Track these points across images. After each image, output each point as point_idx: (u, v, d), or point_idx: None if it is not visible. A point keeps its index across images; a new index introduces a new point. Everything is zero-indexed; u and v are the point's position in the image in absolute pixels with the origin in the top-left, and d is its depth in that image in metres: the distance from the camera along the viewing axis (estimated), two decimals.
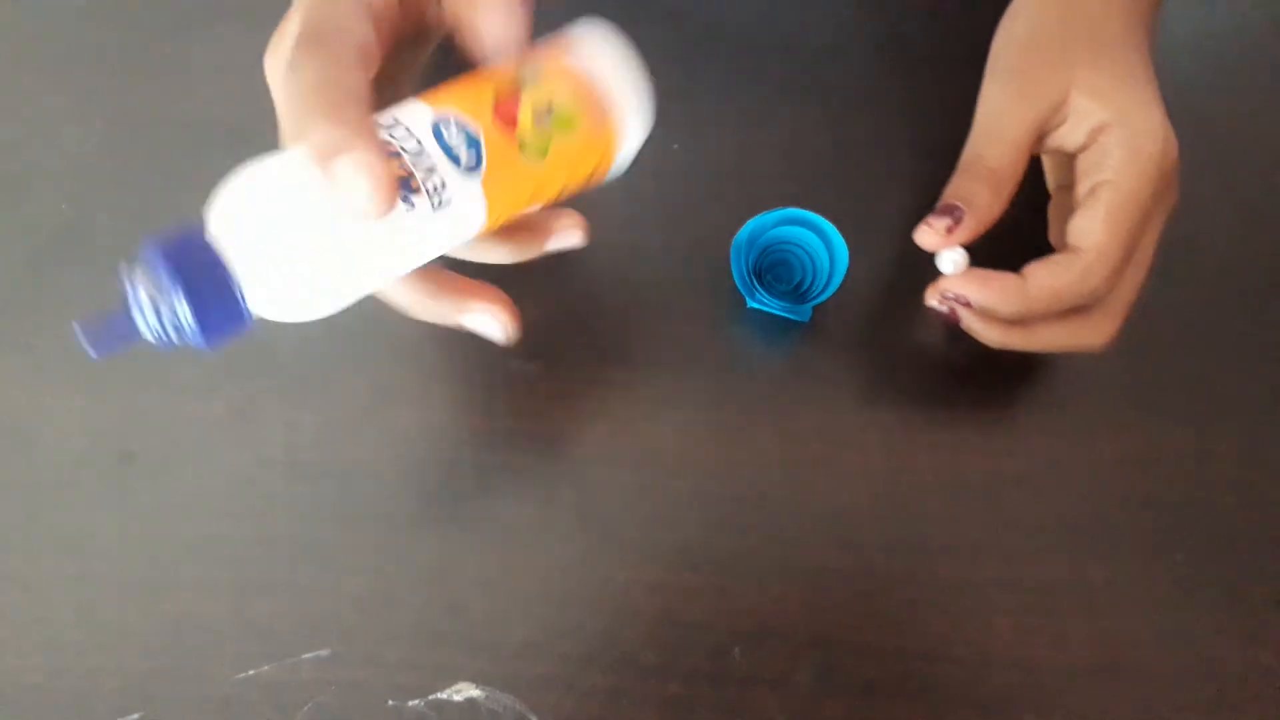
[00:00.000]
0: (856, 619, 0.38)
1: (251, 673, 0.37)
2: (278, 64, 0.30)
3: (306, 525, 0.39)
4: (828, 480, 0.40)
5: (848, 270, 0.40)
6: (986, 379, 0.41)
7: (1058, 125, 0.36)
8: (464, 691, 0.37)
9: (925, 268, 0.37)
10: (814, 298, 0.40)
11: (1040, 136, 0.36)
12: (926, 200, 0.41)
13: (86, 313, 0.26)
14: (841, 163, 0.40)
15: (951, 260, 0.36)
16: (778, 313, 0.40)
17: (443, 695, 0.37)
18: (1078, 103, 0.35)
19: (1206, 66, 0.48)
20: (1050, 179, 0.41)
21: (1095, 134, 0.35)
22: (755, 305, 0.40)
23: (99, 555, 0.38)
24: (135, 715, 0.36)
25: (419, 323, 0.41)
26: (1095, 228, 0.34)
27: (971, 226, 0.35)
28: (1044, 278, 0.34)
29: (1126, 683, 0.37)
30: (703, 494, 0.39)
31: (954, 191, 0.36)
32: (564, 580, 0.38)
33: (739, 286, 0.40)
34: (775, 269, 0.42)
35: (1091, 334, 0.36)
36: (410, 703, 0.37)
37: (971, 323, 0.36)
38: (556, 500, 0.39)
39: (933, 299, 0.36)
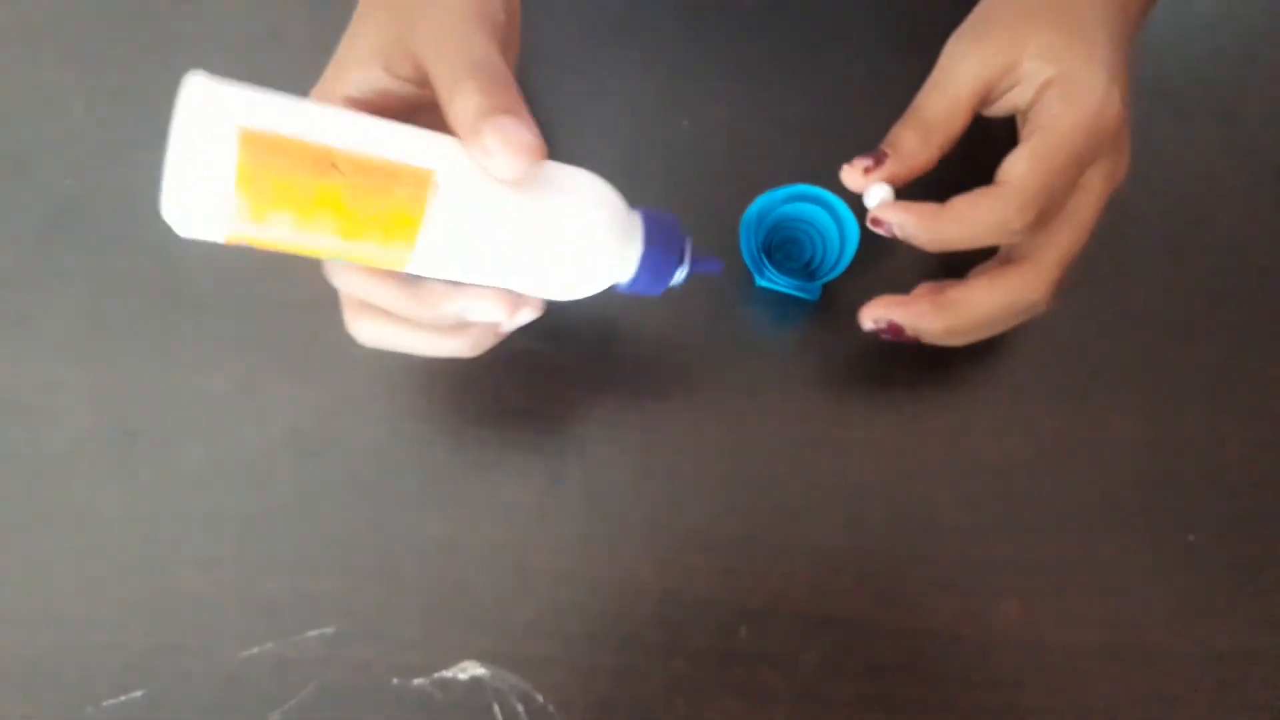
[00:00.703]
0: (864, 599, 0.38)
1: (255, 650, 0.37)
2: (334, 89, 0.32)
3: (311, 502, 0.39)
4: (836, 460, 0.39)
5: (858, 248, 0.39)
6: (996, 360, 0.41)
7: (1009, 87, 0.36)
8: (469, 670, 0.37)
9: None
10: (824, 276, 0.40)
11: (986, 95, 0.37)
12: (934, 177, 0.41)
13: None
14: (851, 140, 0.40)
15: (877, 196, 0.36)
16: (787, 291, 0.40)
17: (448, 674, 0.37)
18: (1029, 65, 0.36)
19: (1221, 51, 0.47)
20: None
21: (1040, 90, 0.36)
22: (764, 284, 0.40)
23: (103, 531, 0.38)
24: (138, 692, 0.36)
25: None
26: (1018, 164, 0.34)
27: (891, 169, 0.36)
28: (960, 203, 0.35)
29: (1135, 663, 0.37)
30: (710, 473, 0.39)
31: (888, 137, 0.37)
32: (570, 559, 0.38)
33: (748, 264, 0.40)
34: (785, 246, 0.42)
35: (1023, 287, 0.35)
36: (415, 681, 0.37)
37: (910, 320, 0.36)
38: (563, 479, 0.39)
39: (867, 322, 0.37)
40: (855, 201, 0.40)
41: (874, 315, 0.37)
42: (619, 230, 0.32)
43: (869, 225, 0.36)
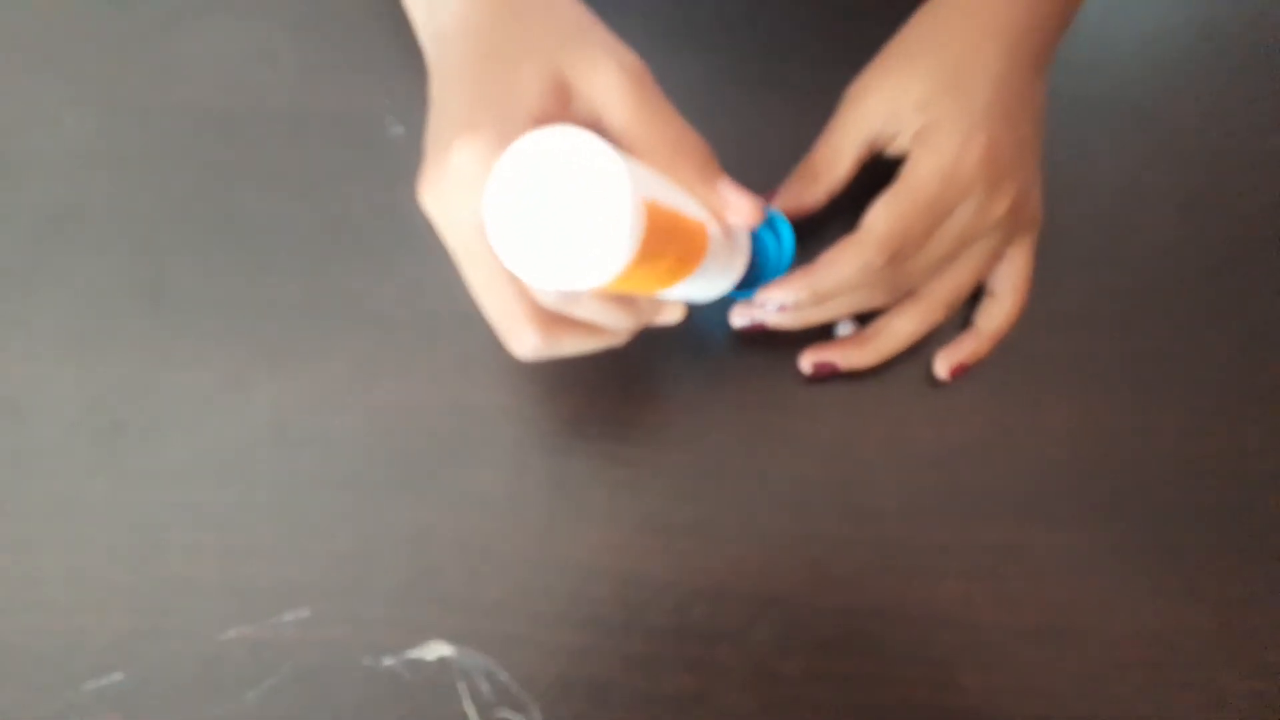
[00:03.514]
0: (811, 580, 0.39)
1: (233, 632, 0.38)
2: (450, 201, 0.31)
3: (290, 492, 0.40)
4: (783, 449, 0.41)
5: (798, 250, 0.41)
6: (934, 352, 0.43)
7: (894, 134, 0.40)
8: (437, 650, 0.38)
9: None
10: (767, 279, 0.42)
11: (872, 144, 0.41)
12: (878, 190, 0.43)
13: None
14: (801, 154, 0.42)
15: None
16: (737, 296, 0.42)
17: (416, 653, 0.38)
18: (908, 115, 0.39)
19: (1149, 60, 0.50)
20: None
21: (913, 139, 0.39)
22: None
23: (88, 520, 0.40)
24: (118, 674, 0.38)
25: (400, 301, 0.43)
26: (875, 210, 0.38)
27: (779, 203, 0.41)
28: (827, 255, 0.39)
29: (1068, 644, 0.39)
30: (666, 463, 0.41)
31: (787, 180, 0.42)
32: (535, 543, 0.40)
33: None
34: None
35: (908, 320, 0.41)
36: (385, 661, 0.38)
37: (842, 359, 0.42)
38: (528, 468, 0.41)
39: (806, 366, 0.42)
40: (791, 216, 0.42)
41: (812, 360, 0.42)
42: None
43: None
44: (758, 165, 0.46)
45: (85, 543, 0.40)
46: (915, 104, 0.38)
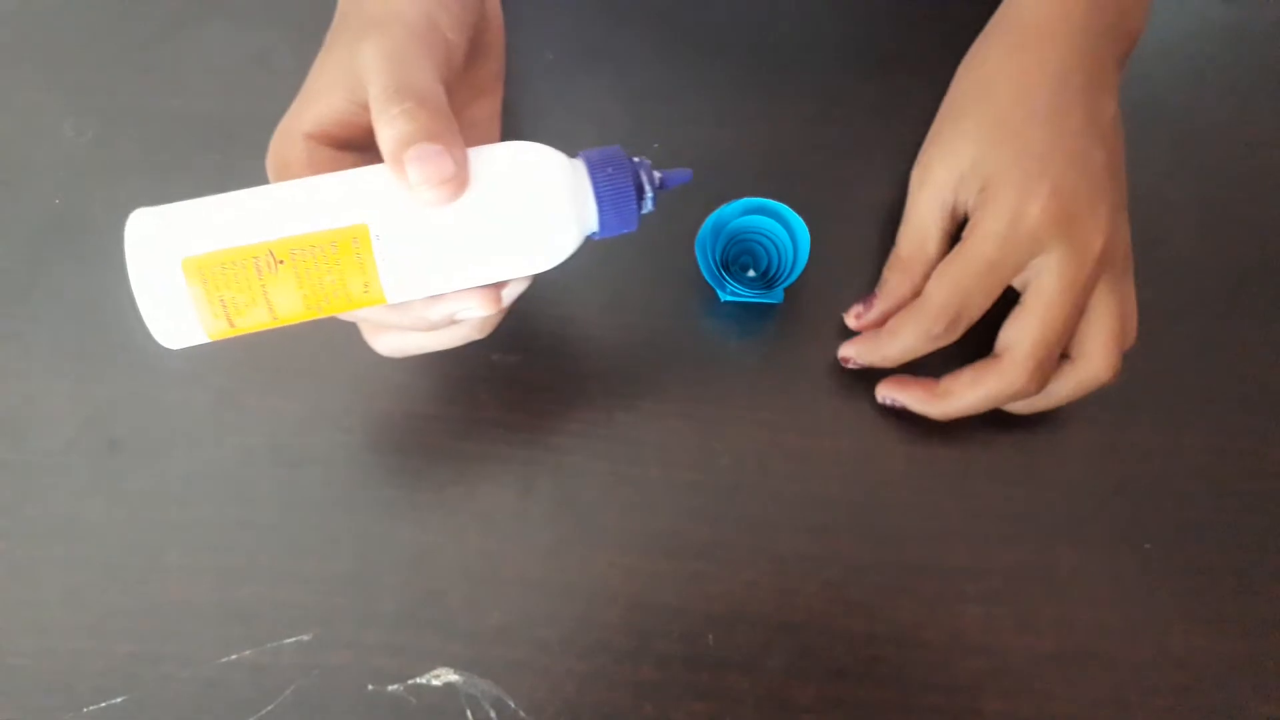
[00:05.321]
0: (827, 604, 0.38)
1: (234, 656, 0.38)
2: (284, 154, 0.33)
3: (289, 512, 0.40)
4: (800, 469, 0.40)
5: (816, 255, 0.40)
6: (955, 370, 0.42)
7: (966, 201, 0.39)
8: (442, 676, 0.37)
9: None
10: (783, 281, 0.41)
11: (952, 216, 0.40)
12: (896, 196, 0.42)
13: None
14: (814, 160, 0.42)
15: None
16: (751, 300, 0.41)
17: (421, 680, 0.37)
18: (970, 180, 0.38)
19: (1176, 70, 0.49)
20: None
21: (979, 201, 0.38)
22: (728, 298, 0.41)
23: (86, 540, 0.39)
24: (119, 698, 0.37)
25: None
26: (934, 279, 0.38)
27: (881, 308, 0.40)
28: (891, 323, 0.40)
29: (1093, 669, 0.38)
30: (677, 483, 0.40)
31: (880, 281, 0.41)
32: (541, 567, 0.39)
33: (709, 281, 0.41)
34: (741, 259, 0.43)
35: (1000, 379, 0.38)
36: (389, 687, 0.37)
37: (913, 405, 0.41)
38: (535, 489, 0.40)
39: (884, 398, 0.41)
40: (818, 219, 0.41)
41: (887, 395, 0.41)
42: (565, 188, 0.31)
43: (841, 362, 0.41)
44: (774, 172, 0.45)
45: (83, 563, 0.39)
46: (972, 165, 0.38)
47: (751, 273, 0.43)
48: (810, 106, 0.47)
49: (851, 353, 0.41)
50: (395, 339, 0.35)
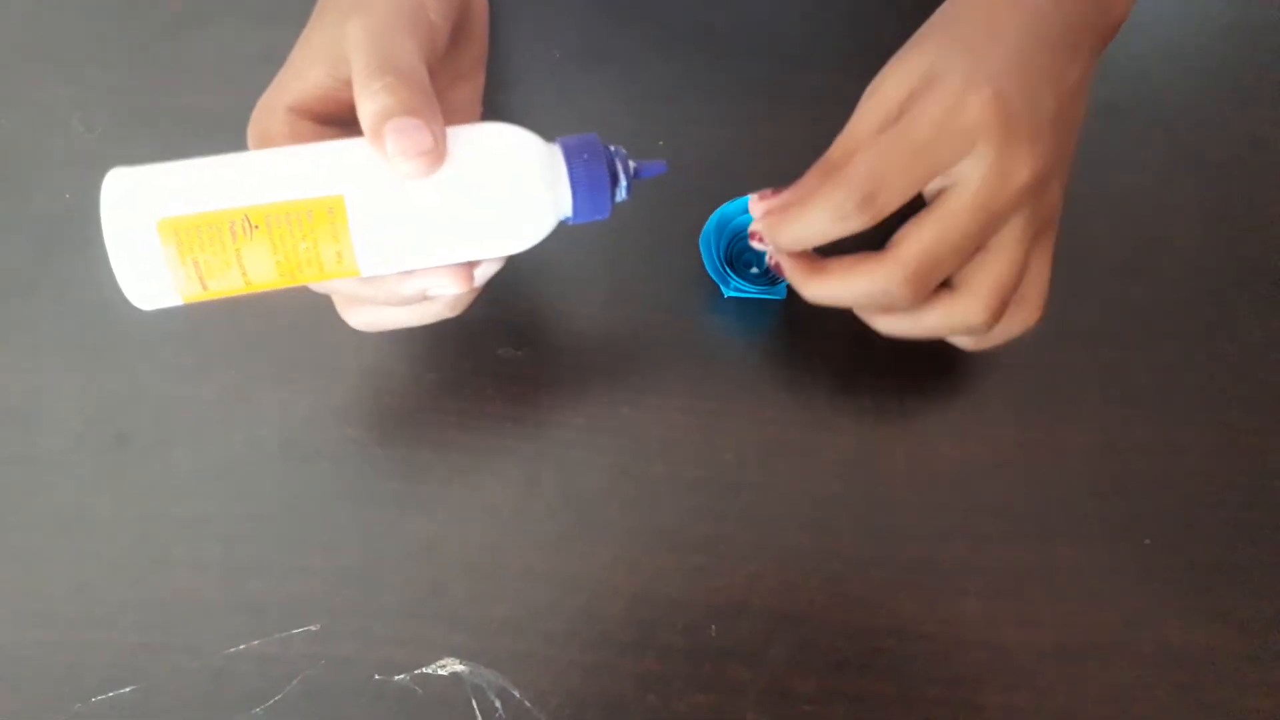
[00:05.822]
0: (829, 598, 0.39)
1: (242, 647, 0.38)
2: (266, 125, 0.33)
3: (297, 505, 0.40)
4: (802, 465, 0.41)
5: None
6: (958, 367, 0.43)
7: (910, 106, 0.35)
8: (448, 666, 0.38)
9: None
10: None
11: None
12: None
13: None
14: (816, 159, 0.42)
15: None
16: (755, 296, 0.41)
17: (427, 670, 0.38)
18: (919, 91, 0.35)
19: (1173, 69, 0.49)
20: None
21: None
22: (732, 294, 0.42)
23: (95, 533, 0.39)
24: (127, 688, 0.37)
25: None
26: (857, 156, 0.34)
27: (789, 197, 0.36)
28: (801, 189, 0.36)
29: (1093, 664, 0.38)
30: (681, 478, 0.40)
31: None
32: (545, 560, 0.39)
33: (713, 277, 0.41)
34: (744, 255, 0.43)
35: (872, 272, 0.34)
36: (396, 677, 0.38)
37: (787, 273, 0.37)
38: (539, 483, 0.40)
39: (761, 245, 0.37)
40: None
41: (770, 245, 0.37)
42: (541, 171, 0.32)
43: (750, 242, 0.37)
44: (777, 171, 0.46)
45: (91, 556, 0.39)
46: (923, 76, 0.35)
47: (755, 269, 0.43)
48: (812, 106, 0.47)
49: (760, 227, 0.36)
50: (368, 313, 0.36)
